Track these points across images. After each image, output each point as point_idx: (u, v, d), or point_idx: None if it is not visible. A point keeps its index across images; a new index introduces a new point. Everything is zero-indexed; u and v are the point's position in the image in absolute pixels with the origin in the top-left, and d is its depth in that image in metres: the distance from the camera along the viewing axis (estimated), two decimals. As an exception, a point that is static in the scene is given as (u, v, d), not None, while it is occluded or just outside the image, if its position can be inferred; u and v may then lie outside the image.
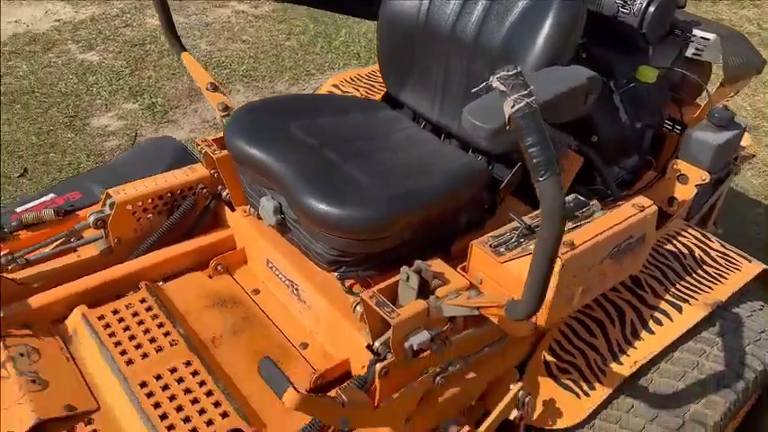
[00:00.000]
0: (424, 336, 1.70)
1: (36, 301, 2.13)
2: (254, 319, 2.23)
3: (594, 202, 1.90)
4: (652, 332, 1.98)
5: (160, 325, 2.12)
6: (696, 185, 2.39)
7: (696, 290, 2.06)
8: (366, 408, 1.64)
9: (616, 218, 1.81)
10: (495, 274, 1.78)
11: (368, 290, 1.75)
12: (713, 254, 2.22)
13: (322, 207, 1.77)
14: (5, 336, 2.00)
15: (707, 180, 2.36)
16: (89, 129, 4.59)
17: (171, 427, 1.81)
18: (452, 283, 1.81)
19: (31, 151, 4.30)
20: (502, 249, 1.79)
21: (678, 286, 2.06)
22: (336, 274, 1.92)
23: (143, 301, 2.20)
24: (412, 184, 1.89)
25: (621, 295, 2.07)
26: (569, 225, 1.80)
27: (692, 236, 2.29)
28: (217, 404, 1.88)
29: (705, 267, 2.16)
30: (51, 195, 2.56)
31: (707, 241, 2.27)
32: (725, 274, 2.12)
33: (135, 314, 2.15)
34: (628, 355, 1.96)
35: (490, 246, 1.81)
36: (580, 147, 2.36)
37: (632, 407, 1.95)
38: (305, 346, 2.14)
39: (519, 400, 1.95)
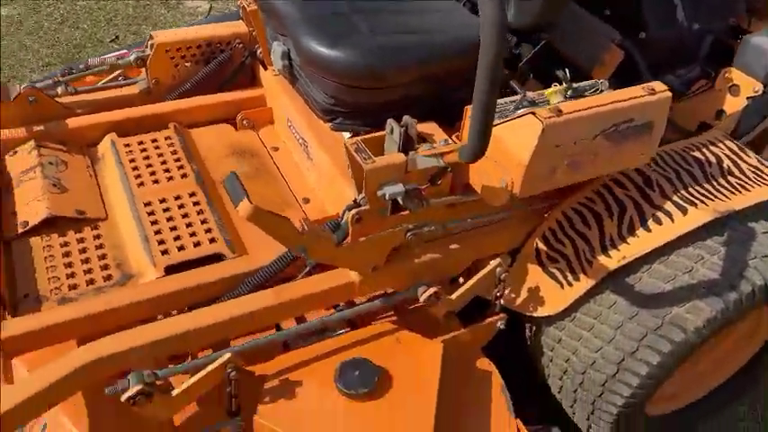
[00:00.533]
0: (398, 188, 1.71)
1: (74, 122, 2.32)
2: (266, 172, 2.32)
3: (603, 81, 1.79)
4: (649, 230, 1.87)
5: (177, 160, 2.26)
6: (747, 97, 2.18)
7: (710, 196, 1.91)
8: (326, 242, 1.68)
9: (618, 96, 1.70)
10: (482, 138, 1.74)
11: (353, 138, 1.77)
12: (744, 167, 2.04)
13: (317, 47, 1.79)
14: (42, 146, 2.21)
15: (759, 92, 2.14)
16: (182, 8, 4.80)
17: (162, 242, 1.95)
18: (437, 144, 1.79)
19: (125, 21, 4.57)
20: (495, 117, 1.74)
21: (691, 190, 1.92)
22: (332, 125, 1.95)
23: (168, 138, 2.35)
24: (414, 39, 1.87)
25: (628, 192, 1.96)
26: (566, 96, 1.72)
27: (726, 146, 2.11)
28: (208, 231, 2.00)
29: (729, 178, 1.99)
30: (124, 51, 2.76)
31: (741, 154, 2.09)
32: (749, 187, 1.95)
33: (157, 147, 2.30)
34: (618, 250, 1.88)
35: (484, 111, 1.76)
36: (624, 42, 2.21)
37: (614, 303, 1.89)
38: (306, 200, 2.21)
39: (496, 276, 1.94)
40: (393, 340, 1.90)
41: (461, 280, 1.99)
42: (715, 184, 1.96)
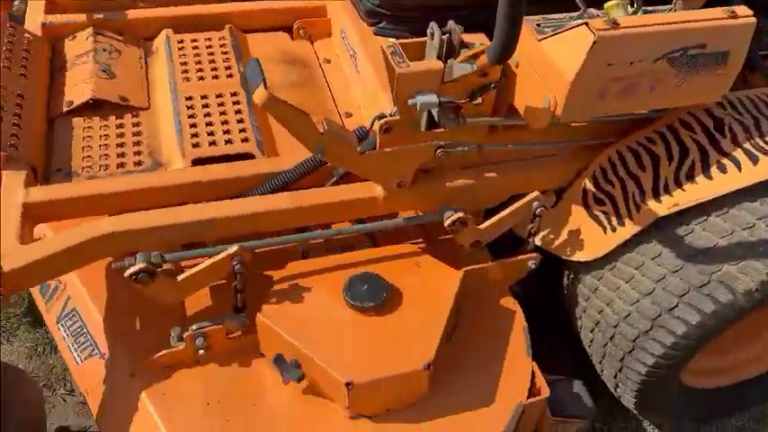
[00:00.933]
0: (431, 98, 1.59)
1: (134, 14, 2.33)
2: (313, 83, 2.25)
3: (679, 1, 1.58)
4: (710, 178, 1.67)
5: (226, 60, 2.22)
6: None
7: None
8: (347, 146, 1.60)
9: (690, 15, 1.50)
10: (530, 53, 1.58)
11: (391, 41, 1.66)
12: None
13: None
14: (99, 33, 2.23)
15: None
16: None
17: (195, 135, 1.93)
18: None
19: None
20: (547, 30, 1.58)
21: (767, 138, 1.70)
22: (375, 29, 1.84)
23: (222, 39, 2.32)
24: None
25: (694, 135, 1.75)
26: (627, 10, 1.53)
27: None
28: (242, 130, 1.96)
29: (818, 131, 1.74)
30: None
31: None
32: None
33: (209, 47, 2.27)
34: (671, 196, 1.69)
35: (537, 24, 1.60)
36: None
37: (659, 254, 1.71)
38: (349, 115, 2.13)
39: (532, 210, 1.80)
40: (412, 263, 1.81)
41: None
42: (800, 135, 1.72)
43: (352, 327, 1.64)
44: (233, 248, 1.59)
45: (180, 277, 1.60)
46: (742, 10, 1.52)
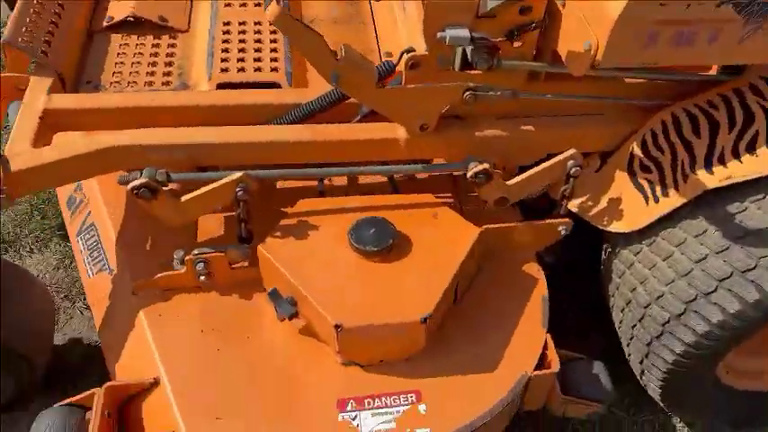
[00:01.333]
0: (462, 32, 1.46)
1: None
2: (358, 20, 2.14)
3: None
4: (774, 151, 1.46)
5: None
6: None
7: None
8: (365, 76, 1.49)
9: (769, -47, 1.29)
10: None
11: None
12: None
13: None
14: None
15: None
16: None
17: (225, 60, 1.88)
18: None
19: None
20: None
21: None
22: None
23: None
24: None
25: (763, 101, 1.53)
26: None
27: None
28: (274, 60, 1.89)
29: None
30: None
31: None
32: None
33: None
34: (726, 167, 1.49)
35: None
36: None
37: (704, 231, 1.53)
38: (389, 55, 2.01)
39: (566, 170, 1.64)
40: (430, 214, 1.70)
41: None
42: None
43: (353, 270, 1.55)
44: (237, 174, 1.53)
45: (183, 198, 1.56)
46: (835, -46, 1.29)
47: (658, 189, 1.60)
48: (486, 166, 1.61)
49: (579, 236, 1.78)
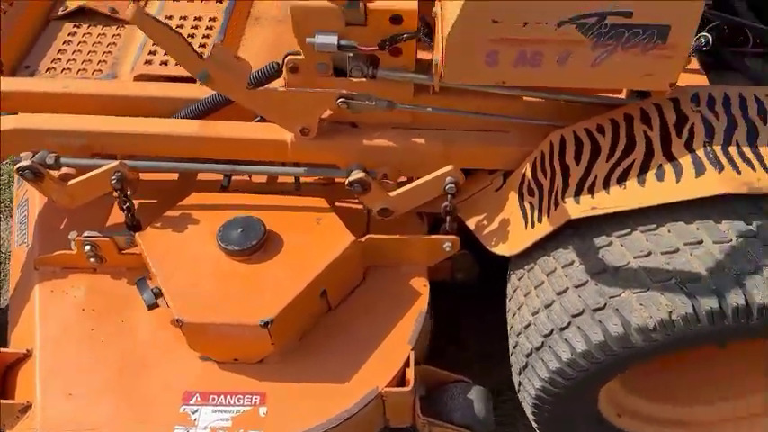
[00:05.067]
0: (330, 39, 1.45)
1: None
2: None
3: None
4: (642, 184, 1.35)
5: (224, -15, 2.20)
6: None
7: (758, 165, 1.29)
8: (236, 76, 1.49)
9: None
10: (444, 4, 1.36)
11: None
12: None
13: None
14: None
15: None
16: None
17: (152, 53, 1.94)
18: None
19: None
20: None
21: (735, 149, 1.31)
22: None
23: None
24: None
25: (649, 129, 1.41)
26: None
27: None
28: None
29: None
30: None
31: None
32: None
33: (216, -30, 2.26)
34: (592, 198, 1.40)
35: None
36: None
37: (571, 263, 1.44)
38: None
39: (444, 185, 1.59)
40: (314, 218, 1.69)
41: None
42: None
43: (213, 267, 1.58)
44: (113, 164, 1.60)
45: (69, 183, 1.65)
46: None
47: (536, 214, 1.52)
48: (361, 175, 1.59)
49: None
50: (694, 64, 1.70)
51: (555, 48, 1.24)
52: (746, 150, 1.31)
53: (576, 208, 1.40)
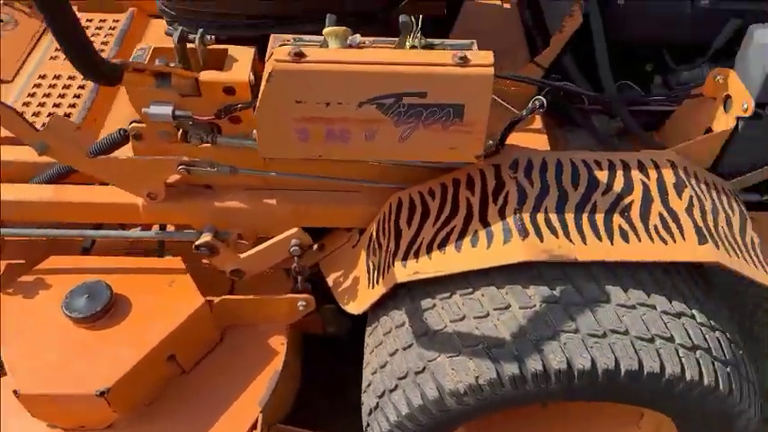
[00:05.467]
0: (165, 110, 1.48)
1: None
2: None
3: (473, 41, 1.31)
4: (458, 250, 1.40)
5: (104, 44, 2.22)
6: (737, 117, 1.48)
7: (567, 232, 1.35)
8: (75, 146, 1.52)
9: (408, 56, 1.24)
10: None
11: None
12: (660, 209, 1.39)
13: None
14: (8, 4, 2.32)
15: (747, 112, 1.44)
16: None
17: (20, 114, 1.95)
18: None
19: None
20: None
21: (543, 216, 1.37)
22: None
23: (116, 21, 2.32)
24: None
25: (471, 195, 1.46)
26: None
27: (661, 175, 1.45)
28: (68, 115, 1.96)
29: (623, 216, 1.37)
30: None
31: (672, 192, 1.43)
32: (638, 236, 1.34)
33: (99, 29, 2.29)
34: (417, 262, 1.44)
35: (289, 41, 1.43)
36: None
37: (402, 324, 1.48)
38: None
39: (289, 247, 1.63)
40: (167, 281, 1.71)
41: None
42: (595, 218, 1.38)
43: (59, 335, 1.58)
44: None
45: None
46: (481, 57, 1.24)
47: (375, 274, 1.56)
48: (207, 239, 1.62)
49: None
50: (538, 123, 1.78)
51: (360, 125, 1.29)
52: (553, 217, 1.37)
53: (403, 272, 1.45)
